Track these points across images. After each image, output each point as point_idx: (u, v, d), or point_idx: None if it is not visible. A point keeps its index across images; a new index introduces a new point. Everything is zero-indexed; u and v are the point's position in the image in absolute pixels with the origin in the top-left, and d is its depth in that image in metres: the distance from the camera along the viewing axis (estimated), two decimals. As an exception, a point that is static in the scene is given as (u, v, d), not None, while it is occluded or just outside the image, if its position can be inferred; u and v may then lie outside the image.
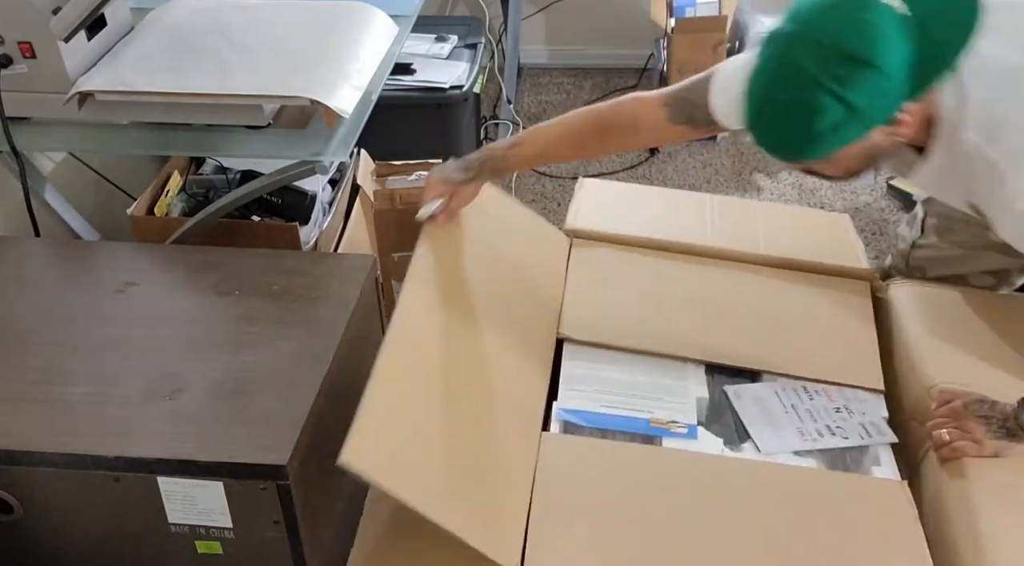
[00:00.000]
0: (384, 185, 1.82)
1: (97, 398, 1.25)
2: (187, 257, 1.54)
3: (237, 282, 1.46)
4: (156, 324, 1.38)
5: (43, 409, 1.24)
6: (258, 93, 1.47)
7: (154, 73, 1.51)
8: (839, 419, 1.30)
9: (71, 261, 1.56)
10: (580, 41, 3.16)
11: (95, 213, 1.93)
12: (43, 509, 1.24)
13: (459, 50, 2.45)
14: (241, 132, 1.52)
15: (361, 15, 1.69)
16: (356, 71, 1.55)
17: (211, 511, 1.20)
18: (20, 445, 1.19)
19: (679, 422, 1.28)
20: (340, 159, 1.51)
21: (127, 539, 1.26)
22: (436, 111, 2.32)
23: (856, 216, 2.51)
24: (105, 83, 1.49)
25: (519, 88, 3.03)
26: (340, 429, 1.05)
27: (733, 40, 2.62)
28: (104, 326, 1.38)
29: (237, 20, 1.65)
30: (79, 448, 1.18)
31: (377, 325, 1.59)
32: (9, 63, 1.50)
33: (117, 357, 1.32)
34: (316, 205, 1.81)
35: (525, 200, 2.60)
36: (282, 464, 1.15)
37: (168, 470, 1.18)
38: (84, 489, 1.21)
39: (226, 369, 1.30)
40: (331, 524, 1.37)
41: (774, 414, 1.30)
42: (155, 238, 1.69)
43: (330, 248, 1.84)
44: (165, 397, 1.25)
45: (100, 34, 1.59)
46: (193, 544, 1.24)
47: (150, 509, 1.21)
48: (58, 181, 1.81)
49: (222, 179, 1.84)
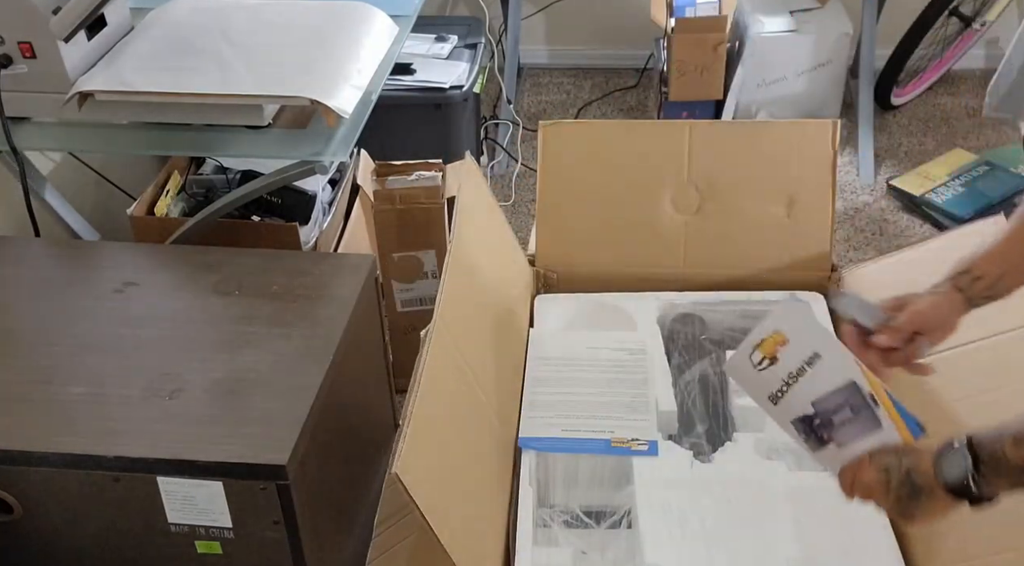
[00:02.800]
0: (384, 185, 1.82)
1: (97, 398, 1.25)
2: (187, 257, 1.54)
3: (237, 282, 1.46)
4: (156, 324, 1.38)
5: (43, 409, 1.24)
6: (258, 93, 1.47)
7: (154, 73, 1.51)
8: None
9: (71, 261, 1.56)
10: (580, 41, 3.16)
11: (95, 213, 1.93)
12: (43, 509, 1.24)
13: (459, 50, 2.45)
14: (241, 132, 1.52)
15: (361, 15, 1.69)
16: (356, 71, 1.55)
17: (211, 511, 1.20)
18: (20, 445, 1.19)
19: (640, 440, 1.28)
20: (340, 159, 1.51)
21: (127, 539, 1.26)
22: (436, 111, 2.32)
23: (856, 216, 2.51)
24: (105, 83, 1.49)
25: (519, 88, 3.02)
26: (340, 429, 1.05)
27: (733, 40, 2.62)
28: (104, 326, 1.38)
29: (237, 20, 1.65)
30: (79, 448, 1.18)
31: (377, 325, 1.59)
32: (9, 63, 1.50)
33: (117, 357, 1.32)
34: (316, 205, 1.81)
35: (526, 199, 2.60)
36: (282, 464, 1.15)
37: (168, 470, 1.18)
38: (84, 489, 1.21)
39: (226, 369, 1.30)
40: (331, 524, 1.37)
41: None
42: (155, 238, 1.69)
43: (330, 248, 1.84)
44: (165, 397, 1.25)
45: (100, 34, 1.59)
46: (193, 544, 1.24)
47: (150, 509, 1.21)
48: (58, 181, 1.80)
49: (222, 179, 1.84)
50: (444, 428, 1.11)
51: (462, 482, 1.13)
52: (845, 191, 2.59)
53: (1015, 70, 2.12)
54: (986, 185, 2.50)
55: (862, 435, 0.99)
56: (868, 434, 0.98)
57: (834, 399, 0.99)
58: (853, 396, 0.99)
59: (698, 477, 1.24)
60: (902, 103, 2.89)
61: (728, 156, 1.54)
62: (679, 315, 1.51)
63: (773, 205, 1.53)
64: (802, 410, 1.01)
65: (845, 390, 0.99)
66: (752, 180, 1.54)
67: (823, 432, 1.00)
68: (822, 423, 1.00)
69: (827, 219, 1.53)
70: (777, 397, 1.02)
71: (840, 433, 0.99)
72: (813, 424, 1.01)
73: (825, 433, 1.00)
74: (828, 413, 1.00)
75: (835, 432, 1.00)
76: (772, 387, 1.02)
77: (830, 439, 1.00)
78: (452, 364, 1.17)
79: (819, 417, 1.00)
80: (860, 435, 0.99)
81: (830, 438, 1.00)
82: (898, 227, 2.48)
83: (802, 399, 1.01)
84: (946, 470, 0.89)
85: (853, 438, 0.99)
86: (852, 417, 0.99)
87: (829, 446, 1.00)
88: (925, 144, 2.76)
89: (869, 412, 0.98)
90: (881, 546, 1.16)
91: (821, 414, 1.00)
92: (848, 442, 0.99)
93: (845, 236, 2.44)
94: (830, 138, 1.51)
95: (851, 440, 0.99)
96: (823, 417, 1.00)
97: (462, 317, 1.25)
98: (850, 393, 0.99)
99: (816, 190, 1.52)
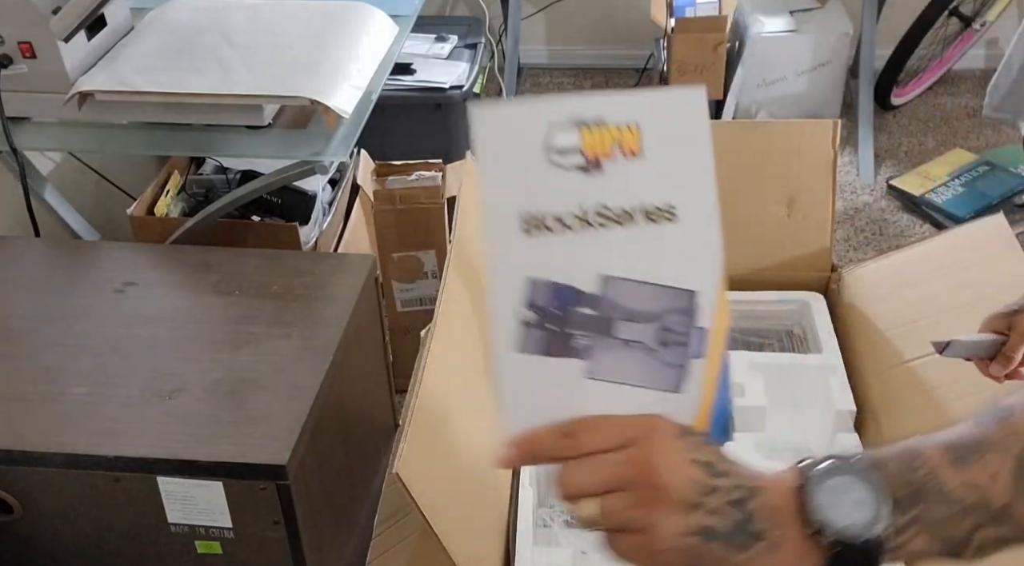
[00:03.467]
0: (384, 185, 1.82)
1: (97, 398, 1.25)
2: (187, 257, 1.54)
3: (237, 282, 1.46)
4: (156, 324, 1.38)
5: (43, 409, 1.24)
6: (258, 93, 1.47)
7: (154, 73, 1.51)
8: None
9: (71, 261, 1.56)
10: (580, 41, 3.16)
11: (95, 213, 1.93)
12: (43, 509, 1.24)
13: (459, 50, 2.45)
14: (241, 132, 1.52)
15: (361, 15, 1.69)
16: (356, 71, 1.55)
17: (211, 511, 1.20)
18: (20, 445, 1.19)
19: None
20: (340, 159, 1.51)
21: (127, 539, 1.26)
22: (436, 111, 2.32)
23: (856, 216, 2.51)
24: (105, 83, 1.49)
25: (519, 88, 3.02)
26: (340, 429, 1.05)
27: (733, 40, 2.62)
28: (104, 326, 1.38)
29: (237, 20, 1.65)
30: (79, 448, 1.18)
31: (377, 325, 1.58)
32: (9, 63, 1.50)
33: (117, 357, 1.32)
34: (316, 205, 1.81)
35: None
36: (282, 464, 1.15)
37: (168, 470, 1.18)
38: (84, 489, 1.21)
39: (226, 369, 1.29)
40: (331, 524, 1.37)
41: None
42: (155, 238, 1.69)
43: (330, 248, 1.84)
44: (165, 397, 1.25)
45: (100, 34, 1.58)
46: (193, 544, 1.24)
47: (150, 509, 1.21)
48: (58, 181, 1.80)
49: (222, 179, 1.84)
50: (444, 428, 1.11)
51: (462, 482, 1.13)
52: (845, 191, 2.59)
53: (1015, 70, 2.12)
54: (986, 185, 2.50)
55: (642, 380, 0.58)
56: (652, 386, 0.59)
57: (647, 296, 0.57)
58: (680, 314, 0.58)
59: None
60: (902, 103, 2.89)
61: (728, 156, 1.53)
62: (679, 315, 1.51)
63: (773, 205, 1.53)
64: (571, 277, 0.57)
65: (676, 296, 0.58)
66: (752, 180, 1.54)
67: (576, 334, 0.57)
68: (590, 320, 0.57)
69: (827, 219, 1.53)
70: (545, 228, 0.56)
71: (607, 356, 0.57)
72: (569, 311, 0.57)
73: (580, 338, 0.57)
74: (616, 310, 0.57)
75: (598, 349, 0.57)
76: (557, 206, 0.56)
77: (576, 353, 0.57)
78: (452, 364, 1.17)
79: (597, 307, 0.57)
80: (640, 378, 0.58)
81: (577, 353, 0.57)
82: (898, 227, 2.48)
83: (592, 261, 0.57)
84: (829, 510, 0.52)
85: (625, 376, 0.58)
86: (651, 345, 0.58)
87: (565, 362, 0.57)
88: (925, 144, 2.76)
89: (681, 354, 0.59)
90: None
91: (605, 305, 0.57)
92: (610, 378, 0.58)
93: (845, 236, 2.44)
94: (830, 138, 1.51)
95: (618, 377, 0.58)
96: (604, 311, 0.57)
97: (462, 317, 1.24)
98: (681, 305, 0.58)
99: (816, 190, 1.52)
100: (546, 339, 0.57)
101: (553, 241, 0.56)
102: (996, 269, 1.35)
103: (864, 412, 1.35)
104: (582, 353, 0.58)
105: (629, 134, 0.56)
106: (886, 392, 1.36)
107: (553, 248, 0.56)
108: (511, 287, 0.56)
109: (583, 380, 0.58)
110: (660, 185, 0.57)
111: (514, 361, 0.57)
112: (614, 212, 0.57)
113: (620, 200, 0.57)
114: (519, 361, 0.57)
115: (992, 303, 1.11)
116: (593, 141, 0.56)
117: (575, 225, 0.56)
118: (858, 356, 1.43)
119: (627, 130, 0.56)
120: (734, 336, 1.49)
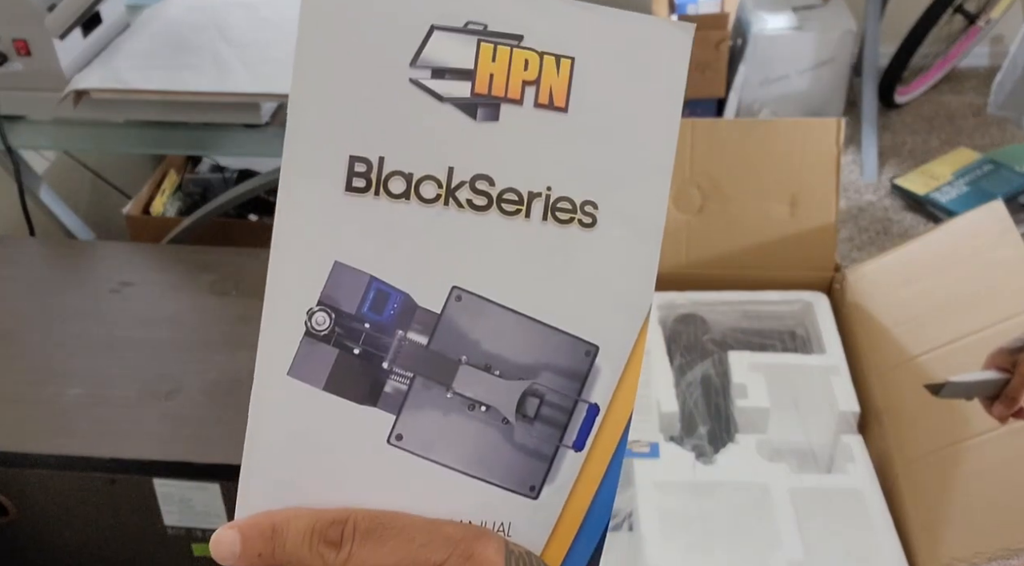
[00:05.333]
0: (383, 184, 1.81)
1: (92, 399, 1.24)
2: (183, 257, 1.53)
3: (234, 282, 1.45)
4: (152, 324, 1.37)
5: (37, 410, 1.23)
6: (255, 91, 1.46)
7: (150, 71, 1.49)
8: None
9: (66, 260, 1.55)
10: (581, 39, 3.16)
11: (90, 212, 1.92)
12: (37, 511, 1.23)
13: (459, 48, 2.44)
14: (238, 130, 1.51)
15: (360, 12, 1.68)
16: (354, 68, 1.54)
17: (208, 513, 1.19)
18: (14, 447, 1.18)
19: (640, 441, 1.27)
20: (338, 157, 1.50)
21: (122, 542, 1.25)
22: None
23: (860, 215, 2.50)
24: (101, 81, 1.48)
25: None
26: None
27: (735, 37, 2.61)
28: (99, 326, 1.37)
29: (234, 17, 1.64)
30: (74, 450, 1.17)
31: (376, 325, 1.57)
32: (4, 61, 1.49)
33: (112, 357, 1.31)
34: (315, 204, 1.79)
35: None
36: (279, 466, 1.14)
37: (164, 472, 1.17)
38: (79, 491, 1.20)
39: (222, 370, 1.28)
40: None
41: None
42: (151, 237, 1.68)
43: (329, 247, 1.83)
44: (161, 398, 1.24)
45: (96, 31, 1.57)
46: (189, 546, 1.23)
47: (146, 511, 1.20)
48: (53, 180, 1.79)
49: (219, 178, 1.83)
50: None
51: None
52: (849, 190, 2.58)
53: (1020, 67, 2.11)
54: (991, 184, 2.49)
55: (477, 467, 0.37)
56: (490, 479, 0.37)
57: (518, 338, 0.37)
58: (564, 376, 0.37)
59: (700, 479, 1.22)
60: (906, 101, 2.88)
61: (730, 155, 1.53)
62: (680, 316, 1.50)
63: (776, 204, 1.52)
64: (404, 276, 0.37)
65: (564, 347, 0.37)
66: (755, 179, 1.53)
67: (389, 370, 0.37)
68: (416, 354, 0.37)
69: (831, 218, 1.52)
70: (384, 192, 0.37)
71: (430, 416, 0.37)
72: (385, 329, 0.37)
73: (393, 378, 0.37)
74: (463, 348, 0.37)
75: (419, 402, 0.37)
76: (409, 158, 0.36)
77: (381, 400, 0.37)
78: None
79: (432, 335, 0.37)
80: (473, 463, 0.37)
81: (384, 400, 0.37)
82: (902, 226, 2.47)
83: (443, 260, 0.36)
84: None
85: (450, 454, 0.37)
86: (504, 413, 0.37)
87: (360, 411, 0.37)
88: (929, 142, 2.75)
89: (549, 439, 0.37)
90: (884, 548, 1.14)
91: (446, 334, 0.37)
92: (426, 453, 0.37)
93: (849, 235, 2.43)
94: (834, 136, 1.50)
95: (439, 453, 0.37)
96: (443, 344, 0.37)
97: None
98: (569, 362, 0.37)
99: (819, 189, 1.51)
100: (337, 364, 0.36)
101: (390, 213, 0.36)
102: (997, 255, 1.34)
103: (868, 413, 1.34)
104: (390, 401, 0.37)
105: (555, 73, 0.35)
106: (890, 393, 1.35)
107: (387, 224, 0.36)
108: (304, 265, 0.37)
109: (382, 445, 0.37)
110: (584, 166, 0.36)
111: (277, 387, 0.38)
112: (499, 192, 0.36)
113: (513, 176, 0.36)
114: (285, 390, 0.38)
115: (995, 291, 1.09)
116: (494, 68, 0.35)
117: (431, 196, 0.36)
118: (862, 356, 1.42)
119: (554, 65, 0.35)
120: (736, 336, 1.48)
